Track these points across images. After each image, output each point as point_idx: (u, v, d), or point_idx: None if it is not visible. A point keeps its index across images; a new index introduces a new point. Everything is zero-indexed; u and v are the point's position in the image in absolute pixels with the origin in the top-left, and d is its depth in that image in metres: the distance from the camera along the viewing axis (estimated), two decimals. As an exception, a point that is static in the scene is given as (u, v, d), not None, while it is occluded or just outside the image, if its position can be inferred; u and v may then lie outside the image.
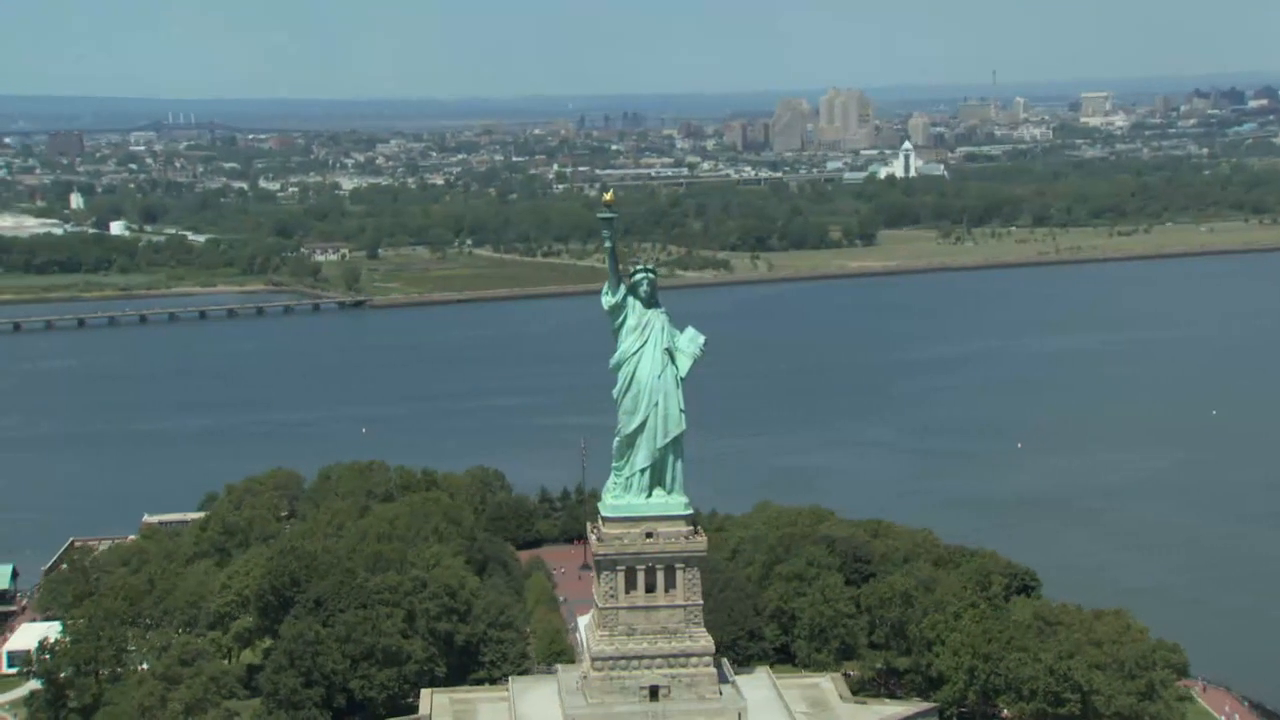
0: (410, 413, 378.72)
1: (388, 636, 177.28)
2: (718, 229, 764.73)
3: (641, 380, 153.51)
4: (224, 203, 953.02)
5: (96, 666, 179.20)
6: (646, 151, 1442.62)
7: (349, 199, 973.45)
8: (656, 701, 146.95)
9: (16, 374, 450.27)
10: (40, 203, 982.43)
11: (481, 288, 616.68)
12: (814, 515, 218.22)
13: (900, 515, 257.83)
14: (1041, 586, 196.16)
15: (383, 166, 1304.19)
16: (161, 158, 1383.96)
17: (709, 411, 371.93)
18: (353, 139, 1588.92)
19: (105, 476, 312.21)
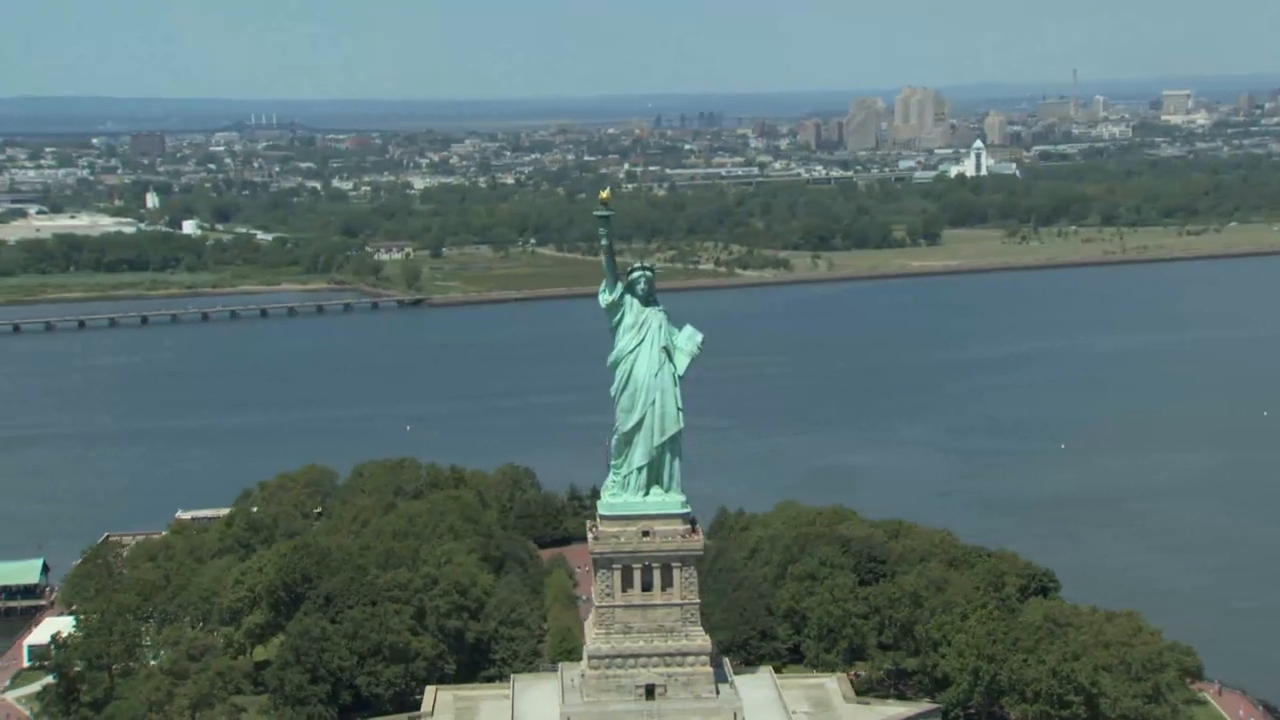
0: (456, 410, 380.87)
1: (395, 633, 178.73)
2: (781, 228, 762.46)
3: (638, 378, 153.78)
4: (296, 202, 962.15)
5: (109, 661, 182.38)
6: (719, 151, 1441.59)
7: (419, 198, 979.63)
8: (652, 700, 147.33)
9: (78, 370, 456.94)
10: (118, 202, 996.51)
11: (539, 286, 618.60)
12: (835, 515, 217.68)
13: (933, 515, 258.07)
14: (1060, 588, 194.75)
15: (456, 166, 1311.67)
16: (240, 158, 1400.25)
17: (752, 410, 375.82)
18: (428, 139, 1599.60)
19: (149, 472, 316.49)
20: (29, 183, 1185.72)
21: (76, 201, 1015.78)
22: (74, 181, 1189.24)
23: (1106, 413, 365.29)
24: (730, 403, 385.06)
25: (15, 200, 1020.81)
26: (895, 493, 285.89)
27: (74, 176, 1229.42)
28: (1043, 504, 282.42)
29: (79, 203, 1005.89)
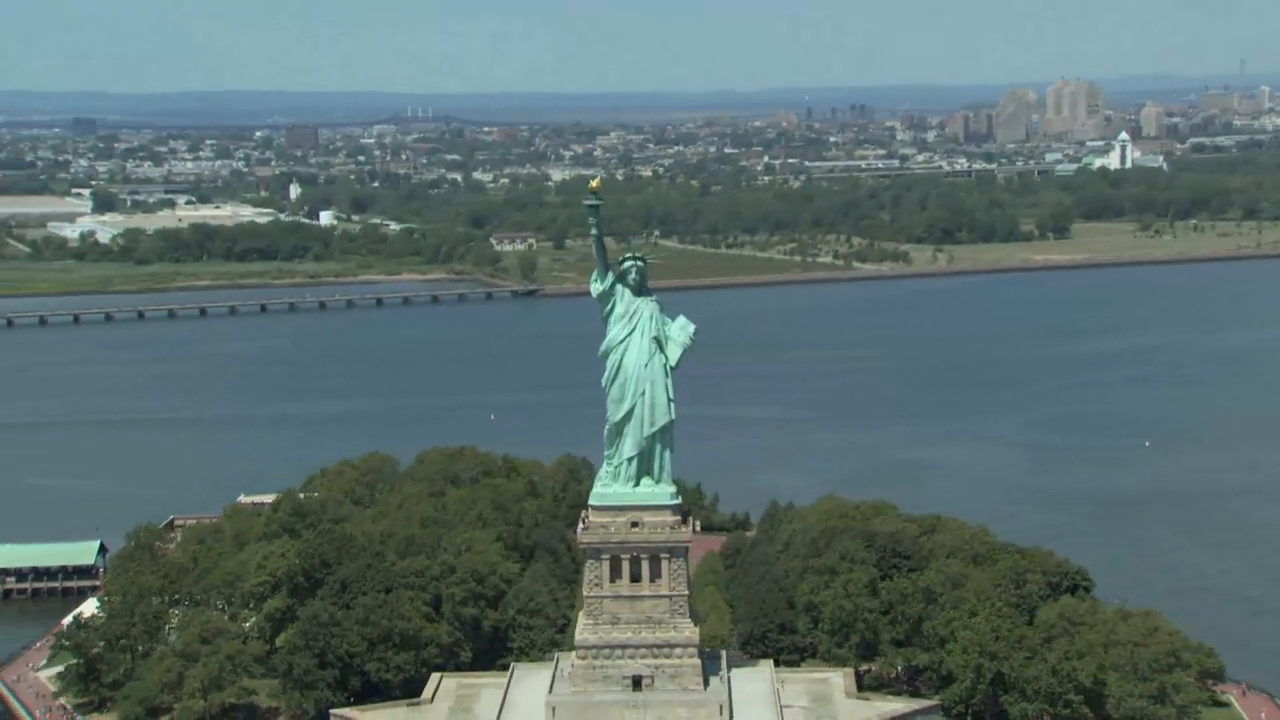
0: (544, 400, 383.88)
1: (406, 620, 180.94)
2: (907, 221, 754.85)
3: (628, 369, 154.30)
4: (434, 194, 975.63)
5: (130, 643, 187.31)
6: (865, 143, 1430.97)
7: (554, 190, 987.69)
8: (639, 691, 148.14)
9: (191, 357, 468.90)
10: (263, 193, 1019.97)
11: (654, 278, 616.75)
12: (873, 509, 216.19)
13: (994, 511, 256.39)
14: (1094, 586, 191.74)
15: (599, 158, 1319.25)
16: (389, 150, 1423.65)
17: (836, 403, 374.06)
18: (575, 131, 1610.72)
19: (229, 456, 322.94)
20: (185, 174, 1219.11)
21: (226, 192, 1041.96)
22: (227, 173, 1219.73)
23: (1202, 410, 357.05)
24: (815, 395, 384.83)
25: (168, 190, 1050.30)
26: (963, 488, 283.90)
27: (228, 168, 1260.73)
28: (1112, 501, 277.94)
29: (228, 193, 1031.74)
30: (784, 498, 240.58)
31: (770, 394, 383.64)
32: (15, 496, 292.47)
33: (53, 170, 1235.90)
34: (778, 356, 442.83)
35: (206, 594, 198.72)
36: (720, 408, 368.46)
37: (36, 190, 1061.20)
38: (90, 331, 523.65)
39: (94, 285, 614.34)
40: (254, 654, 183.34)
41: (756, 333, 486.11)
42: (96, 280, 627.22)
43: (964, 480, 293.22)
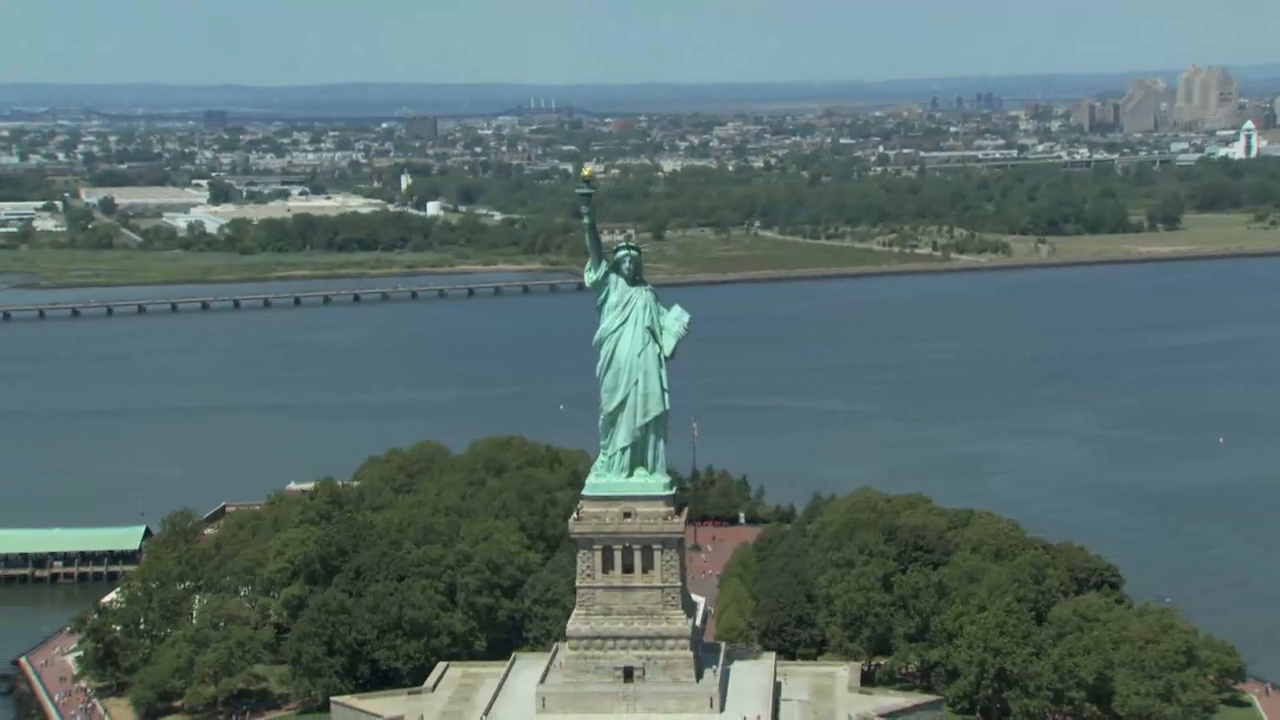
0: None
1: (416, 608, 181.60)
2: (1014, 212, 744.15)
3: (621, 358, 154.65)
4: (543, 184, 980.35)
5: (149, 628, 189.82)
6: (986, 133, 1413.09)
7: (664, 181, 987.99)
8: (630, 683, 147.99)
9: (282, 346, 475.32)
10: (376, 184, 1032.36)
11: (748, 269, 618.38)
12: (907, 502, 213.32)
13: (1043, 506, 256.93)
14: (1124, 583, 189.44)
15: (714, 149, 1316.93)
16: (505, 141, 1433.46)
17: (904, 396, 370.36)
18: (693, 121, 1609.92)
19: (296, 444, 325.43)
20: (305, 166, 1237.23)
21: (340, 183, 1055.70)
22: (346, 164, 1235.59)
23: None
24: (888, 388, 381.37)
25: (285, 182, 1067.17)
26: (1019, 483, 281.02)
27: (348, 160, 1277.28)
28: (1172, 497, 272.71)
29: (342, 184, 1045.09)
30: (833, 491, 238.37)
31: (842, 386, 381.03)
32: (80, 480, 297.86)
33: (178, 162, 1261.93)
34: (856, 348, 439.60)
35: (228, 580, 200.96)
36: (790, 399, 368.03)
37: (159, 181, 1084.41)
38: (186, 320, 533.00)
39: (196, 275, 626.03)
40: (264, 640, 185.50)
41: (839, 324, 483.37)
42: (199, 269, 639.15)
43: (1023, 475, 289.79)
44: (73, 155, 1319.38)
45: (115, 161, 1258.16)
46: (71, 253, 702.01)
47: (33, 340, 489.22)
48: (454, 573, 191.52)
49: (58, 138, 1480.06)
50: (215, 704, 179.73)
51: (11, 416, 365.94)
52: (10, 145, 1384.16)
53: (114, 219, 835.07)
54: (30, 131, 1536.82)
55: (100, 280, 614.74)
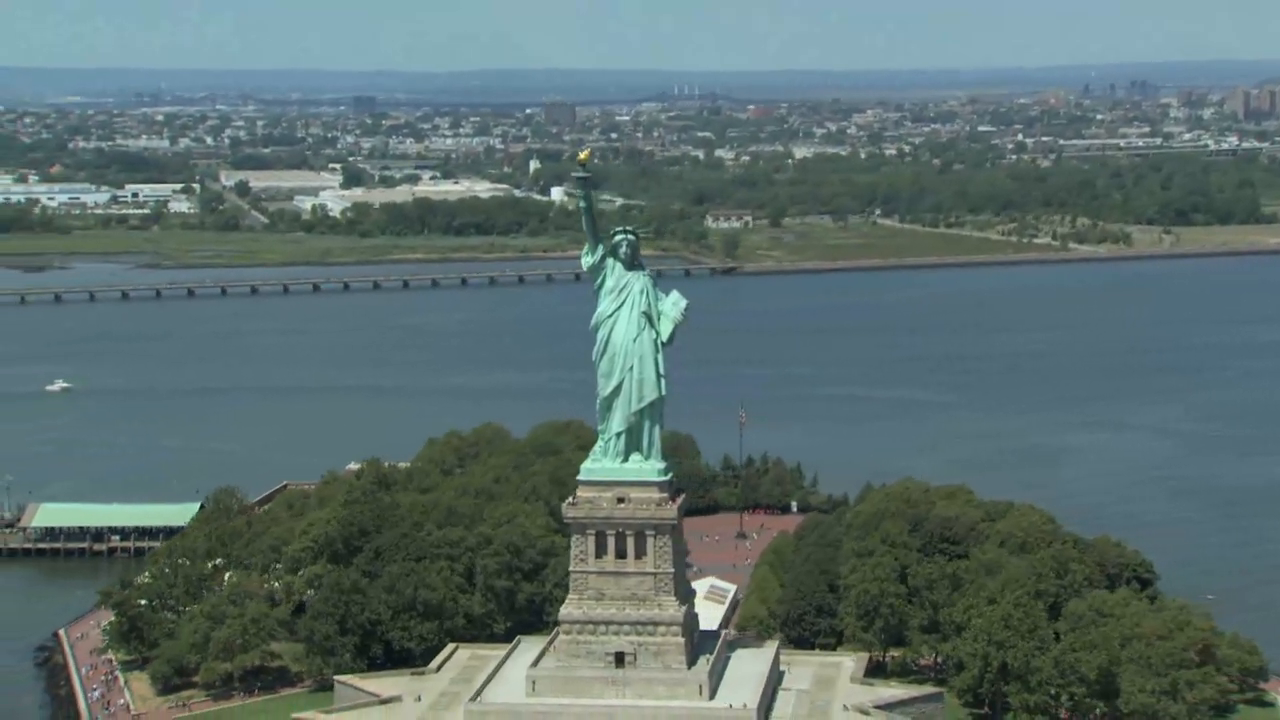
0: (701, 376, 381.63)
1: (431, 590, 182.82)
2: (1142, 201, 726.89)
3: (616, 343, 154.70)
4: (669, 170, 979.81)
5: (173, 603, 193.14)
6: (1135, 121, 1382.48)
7: (793, 168, 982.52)
8: (621, 668, 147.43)
9: (386, 328, 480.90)
10: (507, 169, 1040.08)
11: (862, 257, 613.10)
12: (946, 493, 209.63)
13: (1106, 498, 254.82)
14: (1159, 579, 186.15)
15: (851, 136, 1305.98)
16: (642, 128, 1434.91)
17: (989, 387, 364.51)
18: (833, 108, 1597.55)
19: (373, 424, 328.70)
20: (442, 151, 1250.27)
21: (472, 168, 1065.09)
22: (482, 149, 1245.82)
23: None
24: (976, 378, 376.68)
25: (419, 166, 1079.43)
26: (1085, 476, 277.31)
27: (485, 145, 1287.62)
28: (1244, 493, 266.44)
29: (474, 169, 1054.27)
30: (886, 481, 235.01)
31: (929, 376, 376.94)
32: (157, 457, 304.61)
33: (320, 146, 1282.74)
34: (952, 338, 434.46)
35: (255, 558, 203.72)
36: (872, 389, 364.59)
37: (297, 165, 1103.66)
38: (296, 301, 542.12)
39: (314, 256, 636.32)
40: (280, 618, 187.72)
41: (941, 314, 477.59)
42: (318, 252, 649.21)
43: (1093, 468, 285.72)
44: (219, 139, 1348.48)
45: (260, 145, 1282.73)
46: (199, 234, 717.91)
47: (148, 319, 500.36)
48: (474, 555, 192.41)
49: (208, 122, 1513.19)
50: (232, 680, 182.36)
51: (115, 394, 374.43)
52: (163, 129, 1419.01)
53: (246, 201, 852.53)
54: (183, 116, 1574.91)
55: (221, 261, 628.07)
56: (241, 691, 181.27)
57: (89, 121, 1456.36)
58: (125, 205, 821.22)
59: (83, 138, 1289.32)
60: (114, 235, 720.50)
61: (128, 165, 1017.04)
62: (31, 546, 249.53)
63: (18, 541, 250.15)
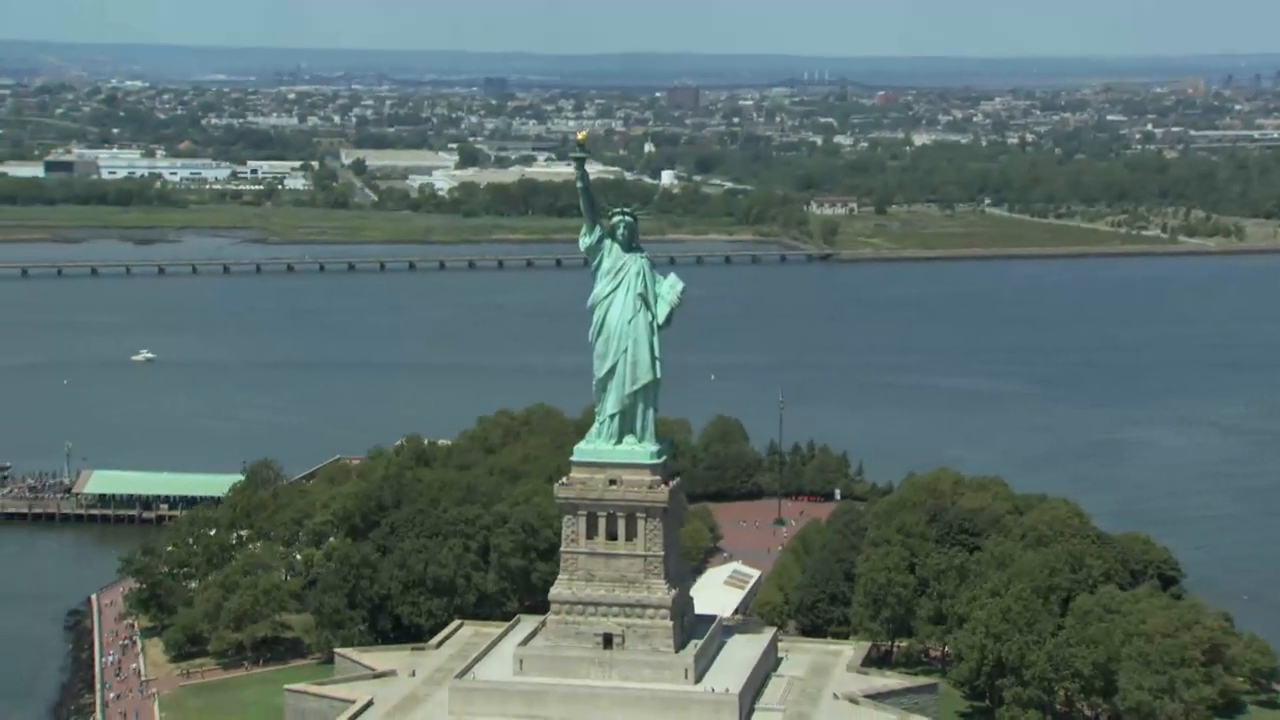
0: (775, 362, 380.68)
1: (441, 566, 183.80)
2: (1259, 194, 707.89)
3: (611, 325, 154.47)
4: (782, 156, 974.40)
5: (192, 571, 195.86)
6: (1275, 112, 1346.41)
7: (910, 155, 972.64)
8: (609, 650, 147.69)
9: (474, 307, 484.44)
10: (622, 152, 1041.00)
11: (964, 246, 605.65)
12: (977, 485, 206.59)
13: (1155, 492, 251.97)
14: (1185, 577, 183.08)
15: (976, 124, 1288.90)
16: (765, 113, 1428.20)
17: (1069, 380, 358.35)
18: (963, 95, 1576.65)
19: (438, 401, 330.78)
20: (562, 132, 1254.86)
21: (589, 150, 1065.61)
22: (603, 132, 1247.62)
23: None
24: (1053, 370, 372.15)
25: (535, 147, 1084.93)
26: (1146, 470, 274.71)
27: (605, 127, 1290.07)
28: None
29: (591, 151, 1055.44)
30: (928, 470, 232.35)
31: (1004, 367, 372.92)
32: (222, 427, 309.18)
33: (443, 126, 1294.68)
34: (1036, 330, 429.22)
35: (277, 530, 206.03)
36: (944, 378, 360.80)
37: (418, 145, 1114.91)
38: (392, 279, 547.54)
39: (416, 235, 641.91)
40: (291, 590, 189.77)
41: (1030, 305, 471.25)
42: (420, 230, 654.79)
43: (1152, 463, 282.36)
44: (347, 118, 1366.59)
45: (385, 125, 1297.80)
46: (309, 211, 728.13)
47: (244, 293, 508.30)
48: (489, 533, 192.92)
49: (338, 101, 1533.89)
50: (243, 649, 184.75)
51: (196, 366, 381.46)
52: (293, 108, 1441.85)
53: (361, 180, 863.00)
54: (314, 95, 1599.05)
55: (325, 238, 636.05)
56: (252, 661, 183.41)
57: (223, 99, 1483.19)
58: (244, 181, 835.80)
59: (215, 115, 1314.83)
60: (227, 210, 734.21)
61: (253, 142, 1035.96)
62: (84, 512, 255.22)
63: (70, 507, 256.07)
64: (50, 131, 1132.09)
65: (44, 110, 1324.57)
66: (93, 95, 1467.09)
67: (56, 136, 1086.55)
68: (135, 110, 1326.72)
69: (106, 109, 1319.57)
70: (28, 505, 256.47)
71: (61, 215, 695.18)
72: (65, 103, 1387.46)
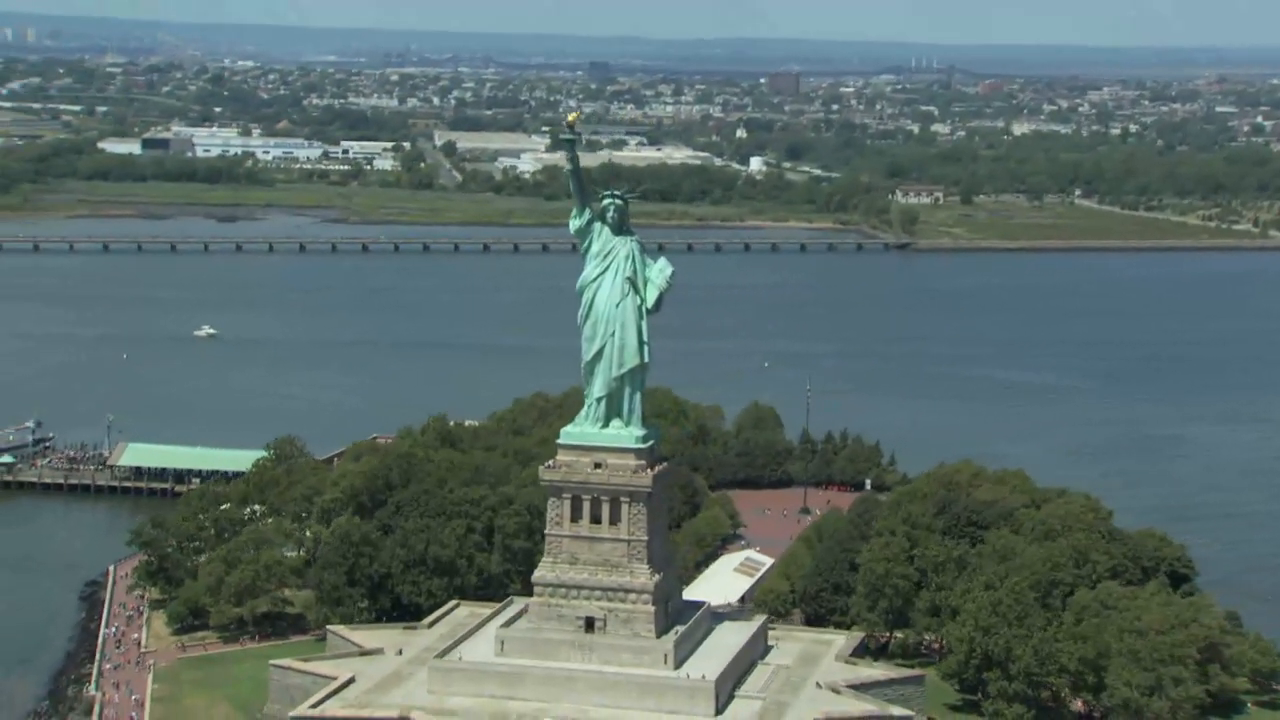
0: (833, 350, 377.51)
1: (442, 546, 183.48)
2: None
3: (599, 308, 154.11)
4: (875, 144, 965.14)
5: (201, 545, 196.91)
6: None
7: (1009, 145, 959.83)
8: (590, 633, 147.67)
9: (545, 290, 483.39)
10: (715, 137, 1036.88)
11: (1044, 237, 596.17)
12: (997, 478, 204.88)
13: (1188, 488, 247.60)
14: (1198, 575, 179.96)
15: (1082, 114, 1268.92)
16: (864, 100, 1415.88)
17: (1132, 374, 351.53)
18: (1070, 85, 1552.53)
19: (487, 382, 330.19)
20: (660, 118, 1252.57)
21: (683, 136, 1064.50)
22: (700, 117, 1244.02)
23: None
24: (1113, 365, 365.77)
25: (629, 132, 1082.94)
26: (1196, 468, 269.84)
27: (704, 112, 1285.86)
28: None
29: (684, 137, 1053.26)
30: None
31: (1068, 360, 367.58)
32: (269, 403, 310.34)
33: (540, 110, 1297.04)
34: (1107, 323, 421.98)
35: (288, 506, 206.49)
36: (1001, 369, 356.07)
37: (512, 128, 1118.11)
38: (465, 261, 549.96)
39: (497, 218, 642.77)
40: (292, 566, 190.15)
41: (1106, 298, 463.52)
42: (500, 213, 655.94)
43: (1200, 460, 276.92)
44: (446, 100, 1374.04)
45: (484, 108, 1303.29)
46: (393, 192, 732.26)
47: (317, 272, 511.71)
48: (494, 514, 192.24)
49: (439, 83, 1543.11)
50: (245, 624, 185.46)
51: (256, 343, 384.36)
52: (394, 89, 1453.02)
53: (450, 162, 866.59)
54: (416, 77, 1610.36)
55: (405, 219, 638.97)
56: (252, 636, 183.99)
57: (326, 80, 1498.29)
58: (334, 161, 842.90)
59: (317, 95, 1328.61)
60: (314, 189, 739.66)
61: (349, 123, 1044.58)
62: (117, 484, 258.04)
63: (105, 479, 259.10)
64: (154, 110, 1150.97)
65: (151, 89, 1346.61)
66: (199, 75, 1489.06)
67: (160, 115, 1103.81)
68: (239, 90, 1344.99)
69: (211, 88, 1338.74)
70: (64, 476, 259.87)
71: (152, 192, 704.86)
72: (172, 81, 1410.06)
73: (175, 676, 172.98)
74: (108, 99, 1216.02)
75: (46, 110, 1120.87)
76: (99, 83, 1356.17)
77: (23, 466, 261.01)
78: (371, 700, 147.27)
